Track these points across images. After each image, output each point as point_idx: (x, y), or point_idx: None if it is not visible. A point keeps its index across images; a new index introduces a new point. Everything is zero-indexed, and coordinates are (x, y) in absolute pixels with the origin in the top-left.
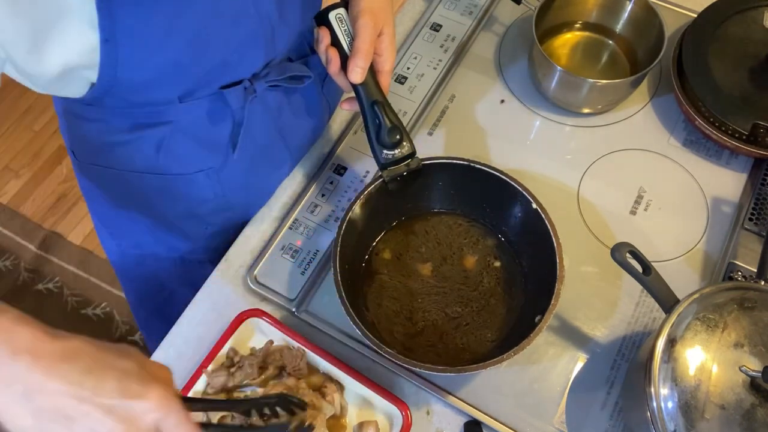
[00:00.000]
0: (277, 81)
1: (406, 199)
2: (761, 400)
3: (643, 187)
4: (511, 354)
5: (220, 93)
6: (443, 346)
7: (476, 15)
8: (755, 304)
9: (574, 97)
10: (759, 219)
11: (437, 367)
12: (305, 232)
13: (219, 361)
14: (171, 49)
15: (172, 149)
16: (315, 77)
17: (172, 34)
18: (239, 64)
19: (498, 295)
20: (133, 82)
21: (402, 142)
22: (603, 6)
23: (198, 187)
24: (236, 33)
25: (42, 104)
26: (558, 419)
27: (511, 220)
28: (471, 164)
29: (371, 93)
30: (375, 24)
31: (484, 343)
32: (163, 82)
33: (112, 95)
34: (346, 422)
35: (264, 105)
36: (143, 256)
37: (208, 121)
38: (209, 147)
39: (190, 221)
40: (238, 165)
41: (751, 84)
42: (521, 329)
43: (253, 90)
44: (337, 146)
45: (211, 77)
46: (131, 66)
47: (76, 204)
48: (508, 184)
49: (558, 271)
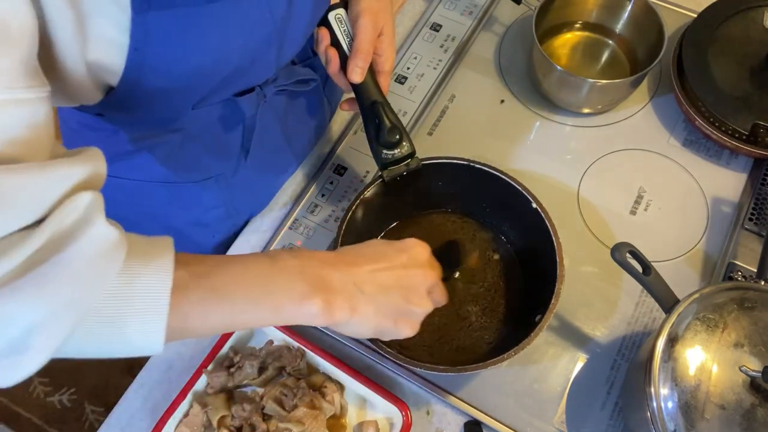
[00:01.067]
0: (285, 86)
1: (406, 199)
2: (761, 400)
3: (643, 187)
4: (512, 353)
5: (233, 100)
6: (439, 347)
7: (476, 15)
8: (755, 304)
9: (574, 97)
10: (759, 219)
11: (438, 367)
12: (305, 232)
13: (219, 361)
14: (196, 58)
15: (182, 157)
16: (316, 79)
17: (199, 43)
18: (252, 71)
19: (500, 292)
20: (154, 89)
21: (401, 142)
22: (603, 6)
23: (207, 195)
24: (252, 39)
25: None
26: (558, 419)
27: (511, 219)
28: (471, 164)
29: (371, 93)
30: (375, 24)
31: (483, 344)
32: (183, 89)
33: (128, 102)
34: (346, 422)
35: (273, 110)
36: None
37: (220, 128)
38: (219, 154)
39: (198, 230)
40: (247, 171)
41: (751, 84)
42: (521, 329)
43: (263, 95)
44: (337, 146)
45: (227, 84)
46: (156, 72)
47: None
48: (508, 184)
49: (558, 270)
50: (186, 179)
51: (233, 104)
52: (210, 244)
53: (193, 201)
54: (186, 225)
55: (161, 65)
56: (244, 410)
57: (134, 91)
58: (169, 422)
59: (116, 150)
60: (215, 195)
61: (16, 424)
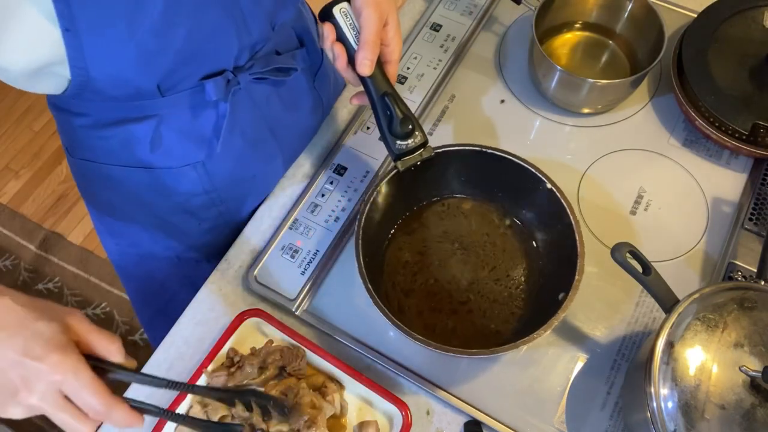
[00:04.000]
0: (261, 73)
1: (419, 188)
2: (761, 400)
3: (643, 187)
4: (541, 332)
5: (202, 85)
6: (463, 332)
7: (476, 15)
8: (755, 304)
9: (574, 97)
10: (759, 219)
11: (470, 350)
12: (305, 232)
13: (219, 361)
14: (134, 37)
15: (159, 143)
16: (305, 71)
17: (134, 21)
18: (214, 54)
19: (518, 275)
20: (105, 74)
21: (414, 131)
22: (603, 6)
23: (187, 181)
24: (202, 20)
25: (42, 104)
26: (558, 419)
27: (524, 202)
28: (483, 149)
29: (380, 85)
30: (380, 15)
31: (505, 330)
32: (134, 72)
33: (90, 90)
34: (346, 422)
35: (250, 98)
36: (141, 256)
37: (191, 113)
38: (195, 140)
39: (183, 217)
40: (225, 158)
41: (751, 84)
42: (542, 313)
43: (236, 82)
44: (337, 146)
45: (187, 67)
46: (98, 56)
47: (76, 204)
48: (521, 167)
49: (578, 247)
50: (164, 165)
51: (203, 89)
52: (198, 231)
53: (173, 187)
54: (171, 212)
55: (98, 47)
56: (244, 410)
57: (88, 79)
58: (169, 422)
59: (98, 134)
60: (195, 181)
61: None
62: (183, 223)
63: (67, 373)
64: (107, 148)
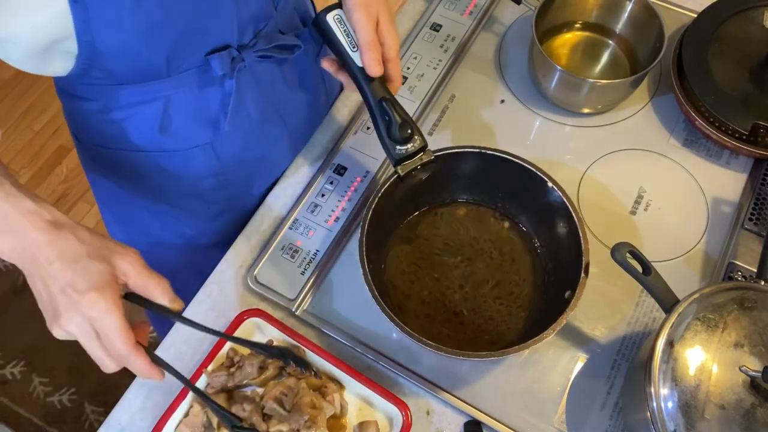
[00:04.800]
0: (265, 51)
1: (419, 192)
2: (761, 400)
3: (643, 187)
4: (550, 331)
5: (207, 62)
6: (464, 336)
7: (476, 15)
8: (755, 304)
9: (574, 97)
10: (759, 219)
11: (479, 353)
12: (305, 232)
13: (219, 361)
14: (140, 8)
15: (168, 124)
16: (309, 50)
17: None
18: (214, 28)
19: (522, 277)
20: (111, 48)
21: (414, 136)
22: (603, 6)
23: (196, 164)
24: None
25: (42, 104)
26: (558, 419)
27: (526, 203)
28: (482, 151)
29: (377, 91)
30: (369, 15)
31: (512, 331)
32: (141, 45)
33: (98, 67)
34: (346, 422)
35: (255, 77)
36: (151, 244)
37: (199, 93)
38: (202, 121)
39: (192, 201)
40: (232, 139)
41: (751, 84)
42: (548, 312)
43: (241, 59)
44: (337, 146)
45: (192, 41)
46: (105, 28)
47: (76, 204)
48: (522, 167)
49: (583, 245)
50: (173, 147)
51: (209, 68)
52: (207, 216)
53: (182, 170)
54: (181, 197)
55: (105, 17)
56: (244, 410)
57: (94, 53)
58: (169, 422)
59: (106, 118)
60: (204, 163)
61: (16, 424)
62: (193, 208)
63: (100, 312)
64: (117, 132)
